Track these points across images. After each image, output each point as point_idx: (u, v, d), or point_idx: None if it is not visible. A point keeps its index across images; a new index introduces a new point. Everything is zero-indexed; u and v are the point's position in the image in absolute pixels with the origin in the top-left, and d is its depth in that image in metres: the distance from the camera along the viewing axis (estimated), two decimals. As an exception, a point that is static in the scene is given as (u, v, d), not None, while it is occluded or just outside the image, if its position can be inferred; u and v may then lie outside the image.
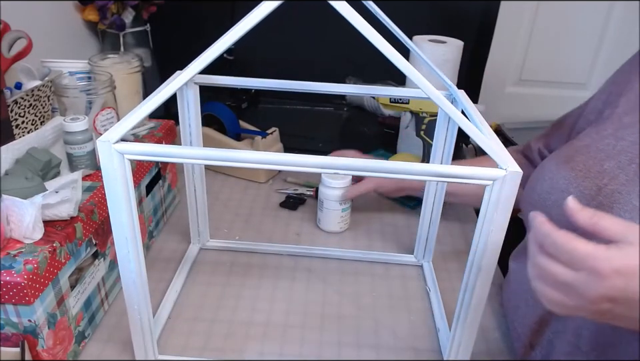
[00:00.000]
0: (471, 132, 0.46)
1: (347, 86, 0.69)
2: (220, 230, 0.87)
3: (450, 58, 1.02)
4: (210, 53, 0.45)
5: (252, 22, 0.43)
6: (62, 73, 0.78)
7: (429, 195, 0.74)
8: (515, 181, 0.45)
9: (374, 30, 0.43)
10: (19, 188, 0.54)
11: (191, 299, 0.71)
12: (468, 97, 0.61)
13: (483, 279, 0.51)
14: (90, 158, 0.66)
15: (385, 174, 0.45)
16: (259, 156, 0.45)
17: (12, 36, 0.74)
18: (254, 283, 0.74)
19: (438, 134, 0.68)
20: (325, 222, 0.86)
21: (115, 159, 0.45)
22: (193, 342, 0.64)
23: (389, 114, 1.29)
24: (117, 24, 1.11)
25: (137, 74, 0.89)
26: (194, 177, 0.74)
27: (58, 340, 0.55)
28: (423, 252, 0.79)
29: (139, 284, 0.53)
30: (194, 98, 0.67)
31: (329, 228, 0.86)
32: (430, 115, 0.89)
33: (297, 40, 1.33)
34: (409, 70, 0.45)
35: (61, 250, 0.53)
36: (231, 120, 1.05)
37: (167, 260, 0.78)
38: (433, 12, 1.28)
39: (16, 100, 0.69)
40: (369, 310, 0.70)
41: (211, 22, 1.31)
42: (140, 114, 0.46)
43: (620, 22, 1.55)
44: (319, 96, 0.77)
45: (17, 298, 0.48)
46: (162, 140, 0.81)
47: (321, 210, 0.86)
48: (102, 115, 0.73)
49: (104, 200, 0.62)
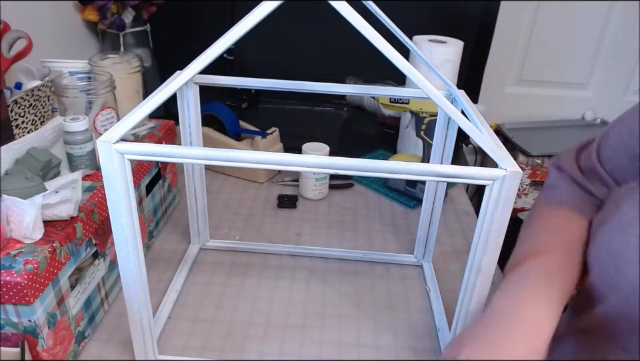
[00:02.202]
0: (471, 132, 0.46)
1: (347, 86, 0.69)
2: (220, 230, 0.87)
3: (450, 58, 1.02)
4: (210, 53, 0.45)
5: (252, 22, 0.43)
6: (62, 73, 0.78)
7: (429, 195, 0.74)
8: (514, 181, 0.45)
9: (374, 30, 0.43)
10: (19, 188, 0.54)
11: (190, 299, 0.71)
12: (468, 97, 0.61)
13: (482, 279, 0.51)
14: (90, 158, 0.66)
15: (385, 174, 0.45)
16: (259, 156, 0.45)
17: (12, 36, 0.74)
18: (254, 283, 0.74)
19: (438, 134, 0.68)
20: (303, 190, 0.98)
21: (115, 159, 0.45)
22: (193, 342, 0.64)
23: (388, 114, 1.29)
24: (117, 24, 1.11)
25: (137, 74, 0.89)
26: (194, 177, 0.74)
27: (58, 340, 0.55)
28: (423, 252, 0.79)
29: (139, 284, 0.53)
30: (194, 98, 0.67)
31: (306, 195, 0.98)
32: (430, 115, 0.89)
33: (297, 40, 1.33)
34: (409, 70, 0.45)
35: (61, 250, 0.53)
36: (231, 120, 1.05)
37: (167, 260, 0.78)
38: (432, 12, 1.28)
39: (16, 100, 0.69)
40: (369, 310, 0.70)
41: (210, 22, 1.31)
42: (140, 114, 0.46)
43: (620, 22, 1.55)
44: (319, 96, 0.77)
45: (17, 298, 0.48)
46: (162, 140, 0.81)
47: (300, 178, 0.99)
48: (102, 115, 0.73)
49: (104, 200, 0.62)
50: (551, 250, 0.56)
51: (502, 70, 1.64)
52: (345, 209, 0.95)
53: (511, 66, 1.65)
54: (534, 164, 1.53)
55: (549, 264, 0.54)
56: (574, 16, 1.55)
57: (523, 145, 1.52)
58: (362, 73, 1.32)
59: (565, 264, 0.55)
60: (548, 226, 0.61)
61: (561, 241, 0.58)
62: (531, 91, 1.69)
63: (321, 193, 0.97)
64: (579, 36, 1.58)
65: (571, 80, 1.67)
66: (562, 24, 1.56)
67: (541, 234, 0.60)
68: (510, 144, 1.56)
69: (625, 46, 1.59)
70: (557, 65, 1.64)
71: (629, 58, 1.61)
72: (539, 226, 0.62)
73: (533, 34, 1.59)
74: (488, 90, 1.54)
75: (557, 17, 1.55)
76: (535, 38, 1.59)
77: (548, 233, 0.60)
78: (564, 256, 0.56)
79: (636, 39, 1.57)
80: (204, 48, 0.45)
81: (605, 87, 1.67)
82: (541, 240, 0.59)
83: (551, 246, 0.57)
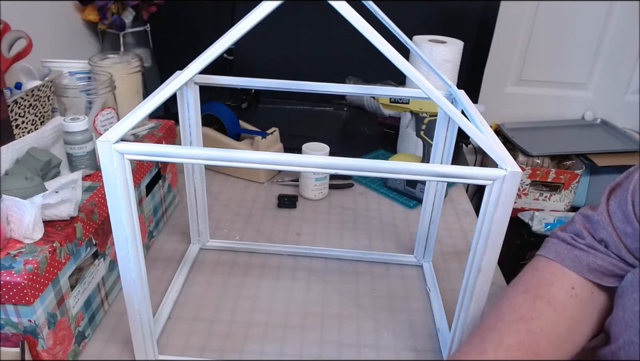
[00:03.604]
0: (471, 132, 0.46)
1: (346, 86, 0.69)
2: (220, 230, 0.87)
3: (450, 58, 1.02)
4: (210, 53, 0.45)
5: (252, 22, 0.43)
6: (62, 73, 0.78)
7: (429, 195, 0.74)
8: (514, 181, 0.45)
9: (374, 30, 0.43)
10: (19, 188, 0.54)
11: (190, 299, 0.71)
12: (468, 97, 0.61)
13: (482, 279, 0.51)
14: (90, 158, 0.66)
15: (385, 174, 0.45)
16: (259, 156, 0.45)
17: (12, 36, 0.74)
18: (254, 283, 0.74)
19: (438, 134, 0.68)
20: (303, 190, 0.98)
21: (115, 159, 0.45)
22: (193, 342, 0.64)
23: (389, 114, 1.29)
24: (117, 24, 1.11)
25: (137, 74, 0.89)
26: (194, 177, 0.74)
27: (58, 340, 0.55)
28: (423, 252, 0.79)
29: (139, 284, 0.53)
30: (194, 98, 0.67)
31: (306, 195, 0.97)
32: (430, 115, 0.89)
33: (297, 40, 1.33)
34: (409, 70, 0.45)
35: (61, 250, 0.53)
36: (231, 120, 1.05)
37: (167, 260, 0.78)
38: (432, 12, 1.28)
39: (16, 100, 0.69)
40: (369, 310, 0.70)
41: (210, 22, 1.31)
42: (140, 114, 0.46)
43: (620, 22, 1.55)
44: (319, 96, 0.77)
45: (17, 298, 0.48)
46: (162, 140, 0.81)
47: (300, 178, 0.99)
48: (102, 115, 0.73)
49: (104, 200, 0.62)
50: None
51: (502, 70, 1.64)
52: (345, 209, 0.95)
53: (511, 66, 1.65)
54: (534, 164, 1.53)
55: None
56: (574, 16, 1.55)
57: (523, 145, 1.52)
58: (362, 73, 1.32)
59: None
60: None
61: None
62: (531, 91, 1.68)
63: (320, 193, 0.97)
64: (578, 36, 1.58)
65: (571, 80, 1.66)
66: (562, 24, 1.56)
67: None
68: (510, 144, 1.56)
69: (625, 46, 1.59)
70: (557, 65, 1.64)
71: (628, 58, 1.61)
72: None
73: (533, 34, 1.59)
74: (488, 90, 1.54)
75: (557, 17, 1.55)
76: (535, 38, 1.59)
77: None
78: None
79: (636, 39, 1.57)
80: (204, 48, 0.45)
81: (605, 87, 1.67)
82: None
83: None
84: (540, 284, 0.53)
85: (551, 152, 1.52)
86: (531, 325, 0.49)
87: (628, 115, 1.68)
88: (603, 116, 1.69)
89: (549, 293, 0.52)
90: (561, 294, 0.52)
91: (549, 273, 0.54)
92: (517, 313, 0.51)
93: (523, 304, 0.51)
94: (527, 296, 0.52)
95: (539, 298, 0.52)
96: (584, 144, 1.55)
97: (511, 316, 0.50)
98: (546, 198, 1.52)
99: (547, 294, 0.52)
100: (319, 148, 0.97)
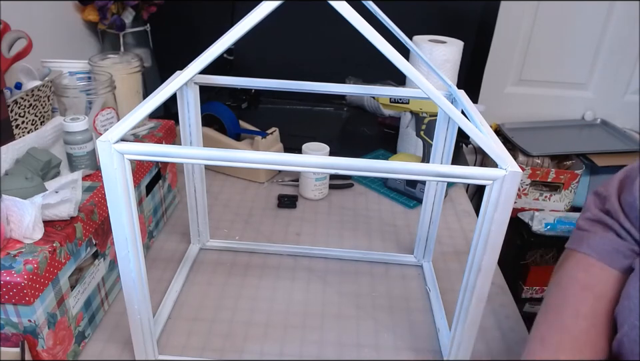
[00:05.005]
0: (471, 132, 0.46)
1: (346, 86, 0.69)
2: (220, 230, 0.87)
3: (450, 58, 1.02)
4: (210, 53, 0.45)
5: (252, 22, 0.43)
6: (62, 73, 0.78)
7: (429, 195, 0.74)
8: (514, 181, 0.45)
9: (374, 30, 0.43)
10: (19, 188, 0.54)
11: (190, 299, 0.71)
12: (468, 97, 0.61)
13: (482, 279, 0.51)
14: (90, 158, 0.66)
15: (385, 174, 0.45)
16: (259, 156, 0.45)
17: (12, 36, 0.74)
18: (254, 283, 0.74)
19: (438, 134, 0.68)
20: (303, 190, 0.98)
21: (115, 159, 0.45)
22: (193, 342, 0.64)
23: (389, 114, 1.29)
24: (117, 24, 1.11)
25: (137, 74, 0.89)
26: (194, 177, 0.74)
27: (58, 340, 0.55)
28: (423, 252, 0.79)
29: (139, 284, 0.53)
30: (194, 98, 0.67)
31: (306, 195, 0.97)
32: (430, 115, 0.89)
33: (297, 40, 1.33)
34: (409, 70, 0.45)
35: (61, 250, 0.53)
36: (231, 120, 1.05)
37: (167, 260, 0.78)
38: (432, 12, 1.28)
39: (16, 100, 0.69)
40: (369, 310, 0.70)
41: (210, 22, 1.31)
42: (140, 114, 0.46)
43: (620, 22, 1.55)
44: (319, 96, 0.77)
45: (17, 298, 0.48)
46: (162, 140, 0.81)
47: (300, 178, 0.99)
48: (102, 115, 0.73)
49: (104, 200, 0.62)
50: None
51: (502, 70, 1.64)
52: (345, 209, 0.95)
53: (511, 66, 1.65)
54: (534, 164, 1.52)
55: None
56: (574, 16, 1.55)
57: (523, 145, 1.52)
58: (362, 73, 1.32)
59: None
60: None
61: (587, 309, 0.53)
62: (531, 91, 1.68)
63: (320, 193, 0.98)
64: (578, 36, 1.58)
65: (571, 80, 1.66)
66: (562, 25, 1.56)
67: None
68: (510, 144, 1.56)
69: (625, 46, 1.59)
70: (557, 65, 1.64)
71: (629, 58, 1.61)
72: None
73: (533, 34, 1.59)
74: (488, 90, 1.54)
75: (557, 17, 1.55)
76: (535, 38, 1.59)
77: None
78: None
79: (636, 39, 1.57)
80: (204, 48, 0.45)
81: (605, 87, 1.67)
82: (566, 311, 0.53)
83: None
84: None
85: (551, 152, 1.52)
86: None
87: (628, 115, 1.68)
88: (603, 116, 1.69)
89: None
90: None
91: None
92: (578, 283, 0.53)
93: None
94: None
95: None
96: (584, 144, 1.55)
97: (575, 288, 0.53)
98: (546, 198, 1.52)
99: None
100: (319, 148, 0.97)
